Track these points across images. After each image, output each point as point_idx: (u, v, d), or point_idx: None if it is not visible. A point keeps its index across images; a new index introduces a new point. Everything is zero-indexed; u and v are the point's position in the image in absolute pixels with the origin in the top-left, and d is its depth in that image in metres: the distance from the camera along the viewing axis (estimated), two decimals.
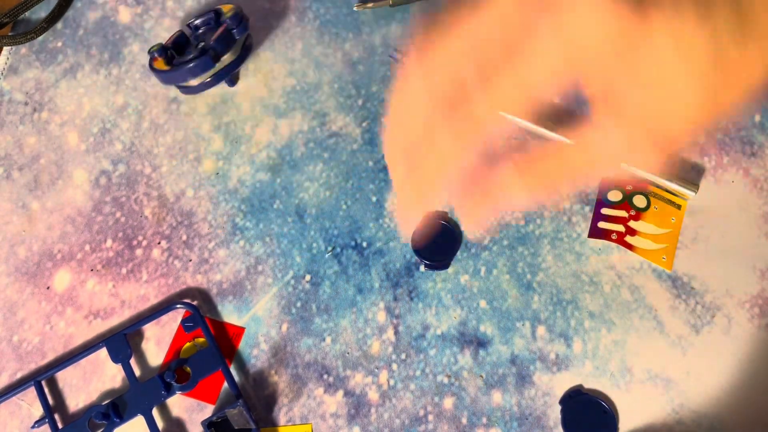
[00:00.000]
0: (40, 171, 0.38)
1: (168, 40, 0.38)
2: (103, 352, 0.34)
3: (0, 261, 0.36)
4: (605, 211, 0.36)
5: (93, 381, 0.34)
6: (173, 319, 0.35)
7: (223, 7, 0.38)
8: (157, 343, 0.34)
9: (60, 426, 0.32)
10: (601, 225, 0.35)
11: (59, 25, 0.42)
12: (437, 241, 0.35)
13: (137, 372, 0.34)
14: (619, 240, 0.35)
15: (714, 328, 0.33)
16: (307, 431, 0.32)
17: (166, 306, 0.35)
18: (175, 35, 0.38)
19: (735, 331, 0.33)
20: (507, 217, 0.36)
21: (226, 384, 0.33)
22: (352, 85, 0.39)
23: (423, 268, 0.35)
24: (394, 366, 0.33)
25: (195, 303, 0.35)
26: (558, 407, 0.32)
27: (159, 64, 0.37)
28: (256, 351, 0.34)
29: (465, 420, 0.32)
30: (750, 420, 0.32)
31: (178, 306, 0.35)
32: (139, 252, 0.36)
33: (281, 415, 0.33)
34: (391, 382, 0.33)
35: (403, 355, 0.34)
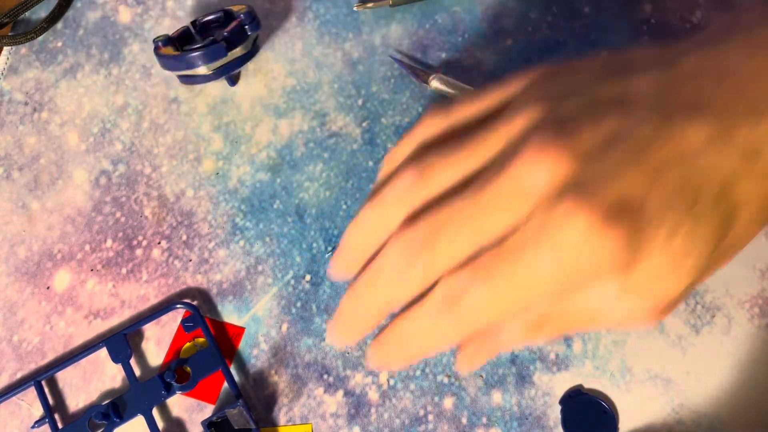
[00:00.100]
0: (40, 171, 0.38)
1: (174, 33, 0.38)
2: (103, 352, 0.34)
3: (0, 261, 0.36)
4: None
5: (93, 381, 0.34)
6: (173, 319, 0.35)
7: (234, 7, 0.38)
8: (157, 343, 0.34)
9: (60, 426, 0.33)
10: None
11: (59, 25, 0.42)
12: None
13: (137, 372, 0.34)
14: None
15: (714, 328, 0.33)
16: (308, 431, 0.32)
17: (166, 306, 0.35)
18: (181, 30, 0.38)
19: (735, 331, 0.33)
20: None
21: (226, 384, 0.33)
22: (352, 85, 0.39)
23: None
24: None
25: (195, 303, 0.35)
26: (558, 407, 0.33)
27: (166, 50, 0.37)
28: (256, 351, 0.34)
29: (465, 420, 0.32)
30: (750, 420, 0.32)
31: (178, 306, 0.35)
32: (139, 252, 0.36)
33: (281, 415, 0.33)
34: (391, 382, 0.33)
35: None
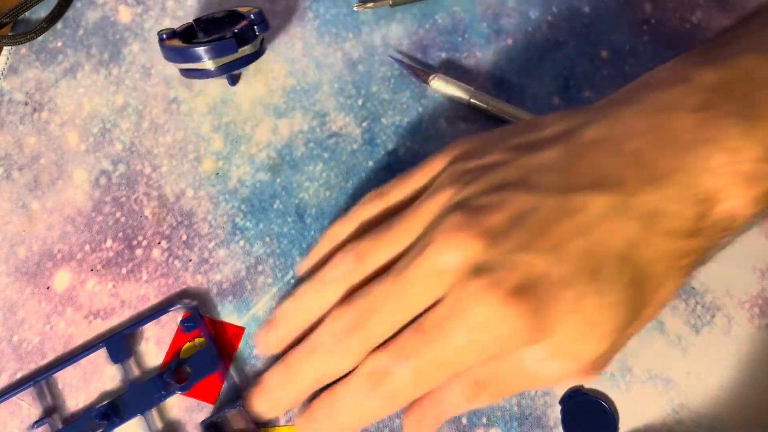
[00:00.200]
0: (40, 171, 0.38)
1: (179, 27, 0.38)
2: (103, 352, 0.34)
3: (0, 261, 0.37)
4: None
5: (93, 381, 0.34)
6: (173, 319, 0.35)
7: (241, 8, 0.38)
8: (157, 343, 0.34)
9: (60, 426, 0.33)
10: None
11: (59, 25, 0.42)
12: None
13: (137, 372, 0.34)
14: None
15: (714, 328, 0.33)
16: None
17: (165, 306, 0.35)
18: (186, 25, 0.38)
19: (735, 331, 0.33)
20: None
21: (225, 384, 0.33)
22: (352, 85, 0.39)
23: None
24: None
25: (194, 303, 0.35)
26: (558, 407, 0.33)
27: (173, 42, 0.36)
28: (256, 351, 0.34)
29: (465, 420, 0.32)
30: (750, 420, 0.32)
31: (177, 306, 0.35)
32: (139, 252, 0.36)
33: (281, 415, 0.33)
34: None
35: None
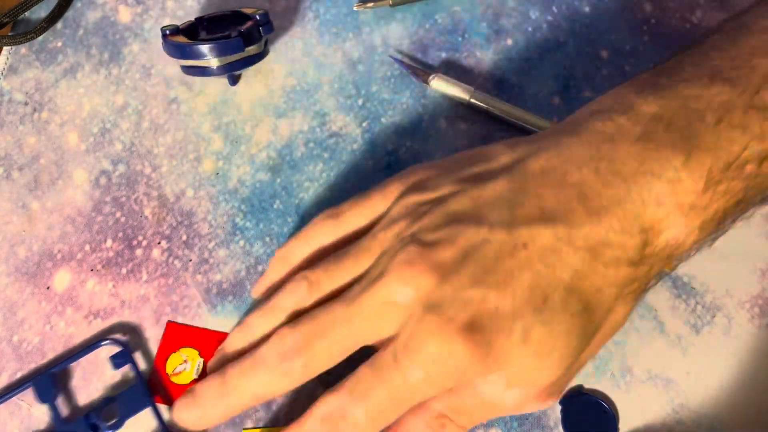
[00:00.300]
0: (40, 171, 0.38)
1: (182, 24, 0.38)
2: (102, 351, 0.34)
3: (0, 261, 0.36)
4: None
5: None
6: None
7: (246, 9, 0.38)
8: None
9: None
10: None
11: (59, 25, 0.42)
12: None
13: (65, 412, 0.33)
14: None
15: (714, 328, 0.34)
16: None
17: (94, 342, 0.34)
18: (189, 23, 0.38)
19: (735, 331, 0.33)
20: None
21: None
22: (352, 85, 0.39)
23: None
24: None
25: (125, 339, 0.34)
26: (558, 407, 0.33)
27: (177, 38, 0.36)
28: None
29: None
30: (750, 420, 0.32)
31: (106, 342, 0.34)
32: (139, 252, 0.36)
33: (281, 415, 0.33)
34: None
35: None
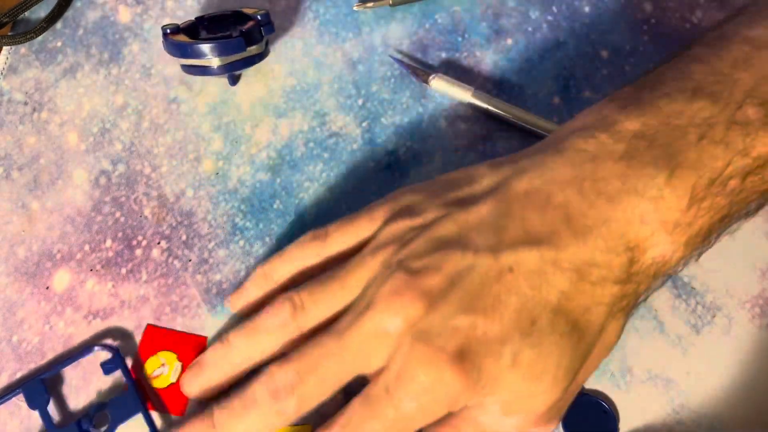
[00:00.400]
0: (39, 171, 0.38)
1: (183, 24, 0.38)
2: (94, 356, 0.34)
3: (0, 261, 0.36)
4: None
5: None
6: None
7: (246, 9, 0.38)
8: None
9: None
10: None
11: (59, 25, 0.42)
12: None
13: (57, 417, 0.33)
14: None
15: (714, 328, 0.33)
16: (307, 431, 0.32)
17: (85, 348, 0.34)
18: (189, 22, 0.38)
19: (735, 331, 0.33)
20: None
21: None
22: (352, 85, 0.39)
23: None
24: None
25: (115, 345, 0.34)
26: None
27: (179, 37, 0.36)
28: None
29: None
30: (750, 420, 0.32)
31: (97, 348, 0.33)
32: (139, 252, 0.36)
33: None
34: None
35: None
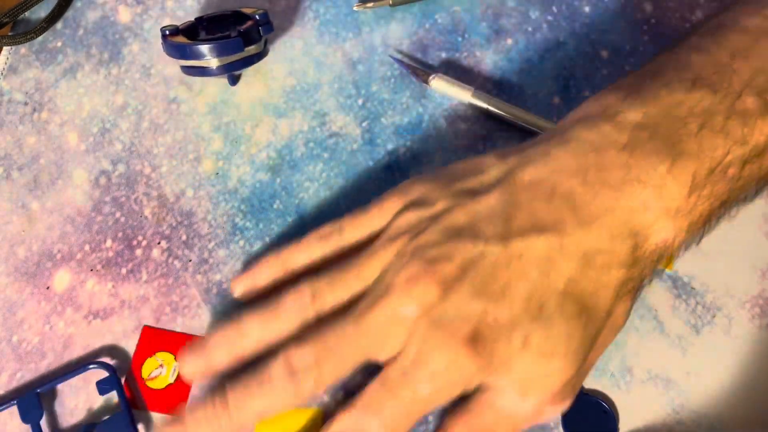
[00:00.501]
0: (39, 171, 0.38)
1: (182, 25, 0.38)
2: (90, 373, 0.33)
3: (0, 261, 0.36)
4: None
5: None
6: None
7: (246, 9, 0.38)
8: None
9: None
10: None
11: (59, 25, 0.42)
12: None
13: None
14: None
15: (714, 328, 0.33)
16: (316, 414, 0.32)
17: (83, 364, 0.33)
18: (189, 23, 0.38)
19: (735, 331, 0.33)
20: None
21: None
22: (352, 85, 0.39)
23: None
24: None
25: (112, 364, 0.33)
26: None
27: (177, 39, 0.36)
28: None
29: None
30: (750, 420, 0.32)
31: (94, 366, 0.33)
32: (139, 252, 0.36)
33: None
34: None
35: None
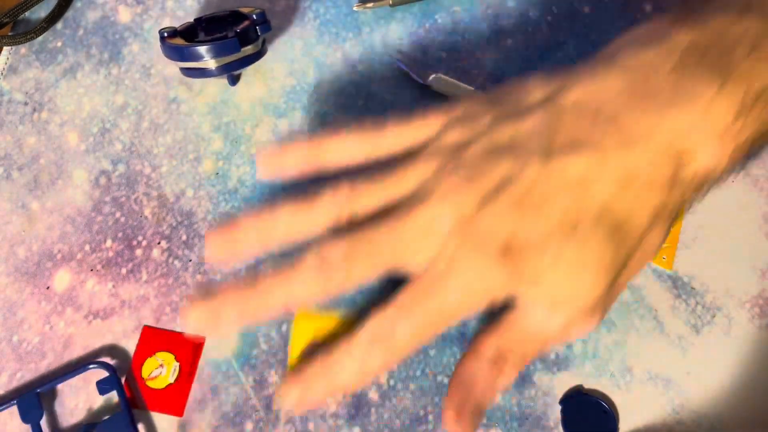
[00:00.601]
0: (39, 171, 0.38)
1: (180, 26, 0.38)
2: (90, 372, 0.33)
3: (0, 261, 0.36)
4: None
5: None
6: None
7: (243, 9, 0.38)
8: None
9: None
10: None
11: (59, 25, 0.42)
12: None
13: None
14: None
15: (714, 328, 0.33)
16: (349, 321, 0.31)
17: (83, 364, 0.33)
18: (187, 24, 0.38)
19: (735, 331, 0.33)
20: None
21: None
22: (352, 85, 0.39)
23: None
24: (394, 366, 0.33)
25: (112, 364, 0.33)
26: (558, 407, 0.33)
27: (175, 41, 0.36)
28: (256, 351, 0.34)
29: None
30: (750, 420, 0.32)
31: (94, 366, 0.33)
32: (139, 252, 0.36)
33: (282, 415, 0.33)
34: (391, 382, 0.33)
35: None
